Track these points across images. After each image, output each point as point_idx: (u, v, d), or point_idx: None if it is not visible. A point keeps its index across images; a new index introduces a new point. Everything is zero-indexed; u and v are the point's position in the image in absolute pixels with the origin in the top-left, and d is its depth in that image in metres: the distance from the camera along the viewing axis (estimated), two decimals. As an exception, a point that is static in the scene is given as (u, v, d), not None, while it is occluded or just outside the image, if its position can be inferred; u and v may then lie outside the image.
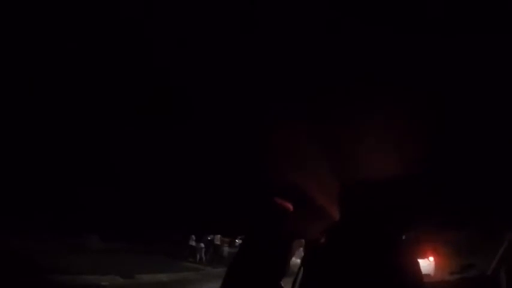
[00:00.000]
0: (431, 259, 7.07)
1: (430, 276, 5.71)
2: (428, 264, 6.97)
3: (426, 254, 7.05)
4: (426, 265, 6.77)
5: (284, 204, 1.86)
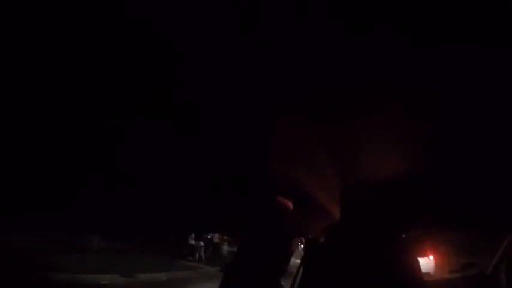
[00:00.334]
0: (431, 258, 7.09)
1: (431, 274, 5.72)
2: (429, 262, 6.99)
3: (427, 253, 7.07)
4: (426, 264, 6.79)
5: (285, 202, 1.87)
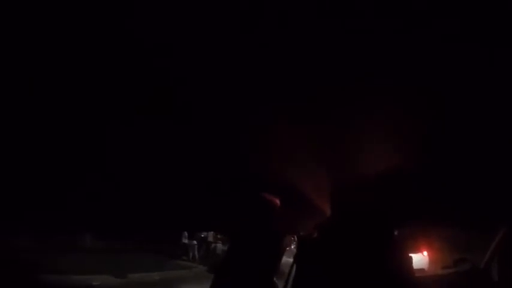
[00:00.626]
0: (425, 254, 7.14)
1: (425, 270, 5.75)
2: (423, 258, 7.04)
3: (421, 249, 7.12)
4: (421, 260, 6.84)
5: (272, 199, 1.87)
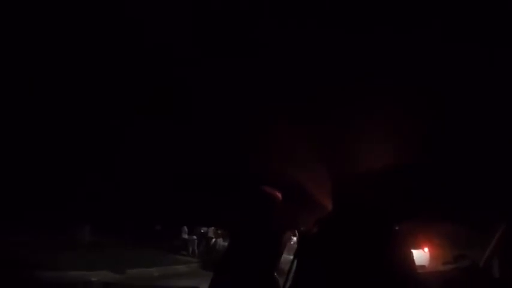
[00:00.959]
0: (426, 250, 7.16)
1: (425, 266, 5.76)
2: (424, 255, 7.06)
3: (421, 245, 7.14)
4: (421, 256, 6.86)
5: (273, 192, 1.86)
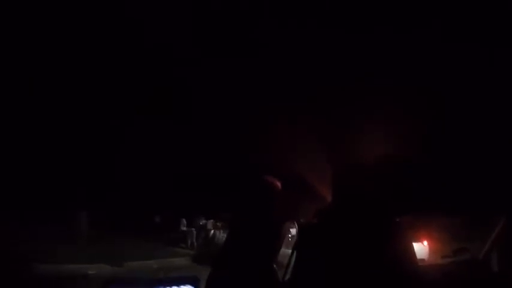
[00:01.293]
0: (425, 243, 7.19)
1: (425, 260, 5.79)
2: (423, 248, 7.09)
3: (421, 239, 7.16)
4: (421, 249, 6.89)
5: (273, 181, 1.84)
